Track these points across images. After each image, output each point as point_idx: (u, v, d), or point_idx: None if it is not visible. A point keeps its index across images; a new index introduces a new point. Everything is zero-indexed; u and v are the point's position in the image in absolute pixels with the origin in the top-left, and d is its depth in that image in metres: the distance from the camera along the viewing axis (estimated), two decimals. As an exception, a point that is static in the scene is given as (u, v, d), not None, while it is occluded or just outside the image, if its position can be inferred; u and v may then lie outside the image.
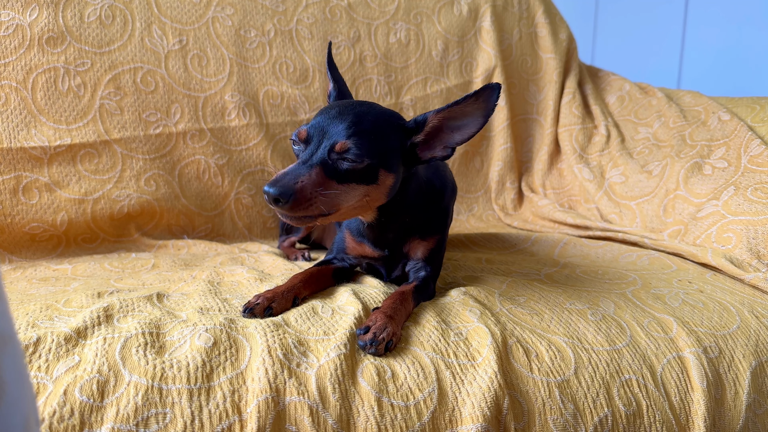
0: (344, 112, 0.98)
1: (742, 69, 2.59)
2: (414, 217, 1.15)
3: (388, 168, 0.98)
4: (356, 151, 0.93)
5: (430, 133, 1.01)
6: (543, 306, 1.09)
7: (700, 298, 1.18)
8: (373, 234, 1.17)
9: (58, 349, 0.82)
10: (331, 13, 1.90)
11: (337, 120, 0.97)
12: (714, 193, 1.52)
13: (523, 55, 2.16)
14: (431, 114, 0.98)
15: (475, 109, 0.96)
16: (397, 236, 1.16)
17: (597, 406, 0.90)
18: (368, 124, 0.97)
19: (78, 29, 1.59)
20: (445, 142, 1.00)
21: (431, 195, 1.17)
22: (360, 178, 0.96)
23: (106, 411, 0.73)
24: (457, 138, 0.99)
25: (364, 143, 0.94)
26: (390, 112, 1.04)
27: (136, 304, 0.99)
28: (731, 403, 0.99)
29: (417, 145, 1.01)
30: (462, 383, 0.87)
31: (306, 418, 0.78)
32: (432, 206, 1.17)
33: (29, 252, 1.51)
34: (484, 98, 0.94)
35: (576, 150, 2.01)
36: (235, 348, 0.85)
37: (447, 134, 1.00)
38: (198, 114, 1.70)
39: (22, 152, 1.50)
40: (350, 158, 0.94)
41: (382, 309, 0.97)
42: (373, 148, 0.95)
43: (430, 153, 1.02)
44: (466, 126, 0.98)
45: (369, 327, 0.92)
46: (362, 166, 0.94)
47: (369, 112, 1.00)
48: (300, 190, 0.90)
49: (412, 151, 1.02)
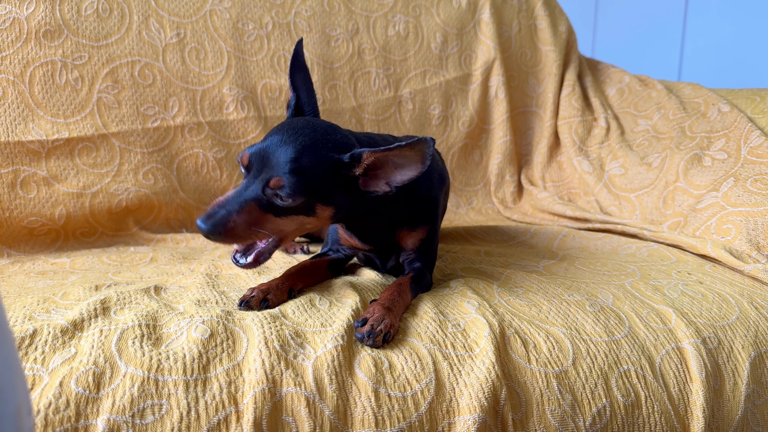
0: (287, 142, 0.96)
1: (743, 61, 2.58)
2: (394, 212, 1.13)
3: (325, 202, 0.97)
4: (289, 190, 0.92)
5: (370, 169, 0.99)
6: (541, 297, 1.09)
7: (700, 290, 1.17)
8: (356, 233, 1.17)
9: (55, 341, 0.81)
10: (329, 6, 1.89)
11: (279, 151, 0.95)
12: (714, 185, 1.52)
13: (522, 48, 2.15)
14: (366, 152, 0.96)
15: (413, 156, 0.94)
16: (382, 231, 1.16)
17: (595, 397, 0.90)
18: (306, 160, 0.94)
19: (75, 22, 1.58)
20: (387, 179, 0.99)
21: (411, 188, 1.11)
22: (296, 211, 0.96)
23: (102, 402, 0.73)
24: (398, 178, 0.98)
25: (299, 181, 0.93)
26: (335, 141, 1.00)
27: (133, 296, 0.99)
28: (730, 393, 0.99)
29: (358, 179, 0.99)
30: (459, 374, 0.87)
31: (303, 409, 0.78)
32: (414, 198, 1.15)
33: (27, 246, 1.51)
34: (419, 150, 0.92)
35: (575, 142, 2.00)
36: (232, 340, 0.85)
37: (391, 171, 0.98)
38: (196, 107, 1.70)
39: (20, 146, 1.50)
40: (283, 195, 0.93)
41: (379, 301, 0.97)
42: (309, 185, 0.94)
43: (373, 186, 1.00)
44: (407, 168, 0.96)
45: (366, 319, 0.91)
46: (295, 203, 0.95)
47: (310, 143, 0.96)
48: (231, 230, 0.92)
49: (353, 183, 1.00)
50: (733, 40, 2.61)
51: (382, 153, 0.94)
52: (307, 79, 1.12)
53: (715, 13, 2.68)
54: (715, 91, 1.83)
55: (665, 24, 2.88)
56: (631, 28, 3.06)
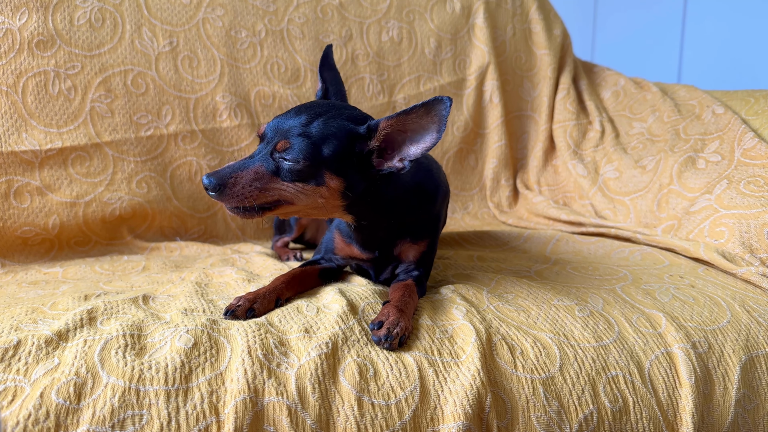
0: (300, 112, 1.00)
1: (741, 63, 2.58)
2: (402, 221, 1.14)
3: (334, 170, 0.97)
4: (294, 153, 0.95)
5: (386, 142, 0.99)
6: (530, 303, 1.08)
7: (691, 293, 1.17)
8: (361, 236, 1.16)
9: (38, 352, 0.81)
10: (322, 12, 1.90)
11: (291, 119, 0.99)
12: (707, 187, 1.51)
13: (517, 52, 2.15)
14: (383, 120, 0.96)
15: (429, 122, 0.93)
16: (386, 238, 1.15)
17: (582, 403, 0.90)
18: (317, 126, 0.97)
19: (68, 32, 1.59)
20: (402, 154, 0.98)
21: (422, 199, 1.16)
22: (303, 178, 0.96)
23: (82, 413, 0.73)
24: (413, 150, 0.97)
25: (305, 144, 0.95)
26: (351, 115, 1.01)
27: (120, 306, 0.99)
28: (720, 398, 0.98)
29: (372, 153, 1.00)
30: (445, 381, 0.86)
31: (284, 419, 0.78)
32: (422, 210, 1.16)
33: (22, 256, 1.51)
34: (436, 110, 0.91)
35: (570, 146, 2.00)
36: (216, 349, 0.85)
37: (404, 145, 0.98)
38: (189, 115, 1.70)
39: (13, 156, 1.50)
40: (288, 158, 0.95)
41: (392, 302, 0.97)
42: (315, 150, 0.95)
43: (387, 163, 1.00)
44: (423, 138, 0.96)
45: (382, 322, 0.92)
46: (300, 166, 0.95)
47: (324, 113, 0.99)
48: (232, 184, 0.93)
49: (368, 159, 1.00)
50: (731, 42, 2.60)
51: (399, 118, 0.94)
52: (335, 77, 1.18)
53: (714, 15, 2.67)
54: (710, 93, 1.83)
55: (664, 26, 2.87)
56: (630, 31, 3.06)
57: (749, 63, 2.54)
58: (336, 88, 1.18)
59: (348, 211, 1.06)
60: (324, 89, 1.17)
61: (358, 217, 1.09)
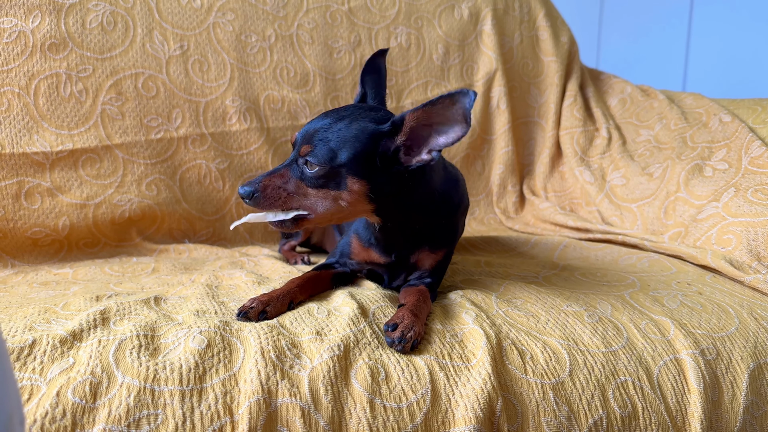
0: (327, 116, 1.02)
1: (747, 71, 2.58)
2: (426, 227, 1.14)
3: (356, 173, 0.97)
4: (315, 155, 0.97)
5: (411, 136, 0.98)
6: (539, 308, 1.09)
7: (699, 300, 1.17)
8: (384, 237, 1.15)
9: (53, 351, 0.82)
10: (331, 18, 1.91)
11: (316, 124, 1.02)
12: (714, 195, 1.51)
13: (524, 59, 2.16)
14: (408, 113, 0.96)
15: (454, 113, 0.92)
16: (407, 243, 1.15)
17: (592, 408, 0.90)
18: (337, 130, 0.99)
19: (80, 35, 1.60)
20: (429, 146, 0.97)
21: (447, 208, 1.16)
22: (326, 183, 0.99)
23: (98, 412, 0.74)
24: (441, 141, 0.95)
25: (325, 148, 0.97)
26: (375, 117, 1.01)
27: (133, 307, 1.00)
28: (728, 405, 0.98)
29: (399, 150, 0.99)
30: (456, 385, 0.87)
31: (297, 420, 0.78)
32: (446, 219, 1.17)
33: (31, 256, 1.52)
34: (460, 100, 0.90)
35: (577, 153, 2.00)
36: (229, 350, 0.86)
37: (431, 137, 0.97)
38: (199, 119, 1.71)
39: (25, 157, 1.51)
40: (310, 161, 0.98)
41: (407, 306, 0.98)
42: (335, 153, 0.97)
43: (415, 158, 0.99)
44: (451, 130, 0.94)
45: (397, 324, 0.93)
46: (322, 171, 0.97)
47: (347, 116, 1.01)
48: (263, 188, 0.99)
49: (395, 157, 0.99)
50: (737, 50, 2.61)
51: (424, 109, 0.93)
52: (379, 81, 1.18)
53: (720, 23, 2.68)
54: (717, 101, 1.83)
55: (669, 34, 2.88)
56: (635, 39, 3.07)
57: (755, 71, 2.55)
58: (376, 91, 1.17)
59: (377, 214, 1.07)
60: (362, 94, 1.18)
61: (385, 219, 1.09)
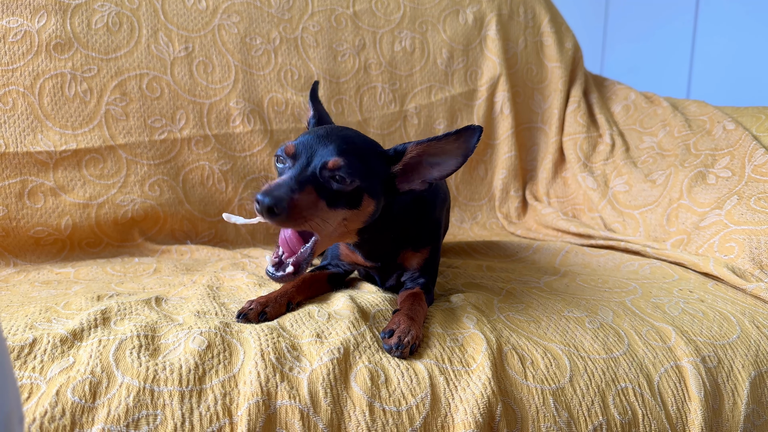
0: (332, 133, 0.97)
1: (751, 79, 2.58)
2: (403, 232, 1.14)
3: (371, 194, 0.97)
4: (347, 169, 0.91)
5: (408, 165, 0.99)
6: (540, 313, 1.09)
7: (701, 308, 1.17)
8: (362, 250, 1.16)
9: (54, 351, 0.82)
10: (336, 21, 1.91)
11: (326, 140, 0.95)
12: (717, 203, 1.51)
13: (528, 64, 2.16)
14: (411, 145, 0.97)
15: (455, 148, 0.94)
16: (387, 249, 1.16)
17: (591, 414, 0.90)
18: (356, 147, 0.96)
19: (85, 36, 1.61)
20: (423, 176, 0.99)
21: (421, 208, 1.17)
22: (345, 201, 0.94)
23: (98, 412, 0.74)
24: (435, 174, 0.98)
25: (355, 163, 0.92)
26: (371, 139, 1.04)
27: (134, 307, 1.00)
28: (729, 413, 0.98)
29: (396, 176, 1.01)
30: (455, 389, 0.87)
31: (296, 422, 0.78)
32: (422, 219, 1.17)
33: (33, 255, 1.52)
34: (465, 138, 0.93)
35: (580, 159, 2.00)
36: (229, 351, 0.86)
37: (425, 168, 0.99)
38: (203, 120, 1.72)
39: (28, 157, 1.52)
40: (341, 176, 0.91)
41: (403, 311, 0.98)
42: (362, 169, 0.93)
43: (407, 185, 1.00)
44: (445, 163, 0.96)
45: (393, 330, 0.92)
46: (350, 187, 0.93)
47: (355, 136, 1.00)
48: (295, 206, 0.87)
49: (391, 181, 1.01)
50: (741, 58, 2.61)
51: (429, 144, 0.94)
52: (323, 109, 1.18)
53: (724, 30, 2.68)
54: (721, 108, 1.83)
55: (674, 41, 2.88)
56: (639, 45, 3.07)
57: (760, 79, 2.55)
58: (325, 115, 1.18)
59: (359, 234, 1.06)
60: (317, 117, 1.16)
61: (363, 236, 1.07)
